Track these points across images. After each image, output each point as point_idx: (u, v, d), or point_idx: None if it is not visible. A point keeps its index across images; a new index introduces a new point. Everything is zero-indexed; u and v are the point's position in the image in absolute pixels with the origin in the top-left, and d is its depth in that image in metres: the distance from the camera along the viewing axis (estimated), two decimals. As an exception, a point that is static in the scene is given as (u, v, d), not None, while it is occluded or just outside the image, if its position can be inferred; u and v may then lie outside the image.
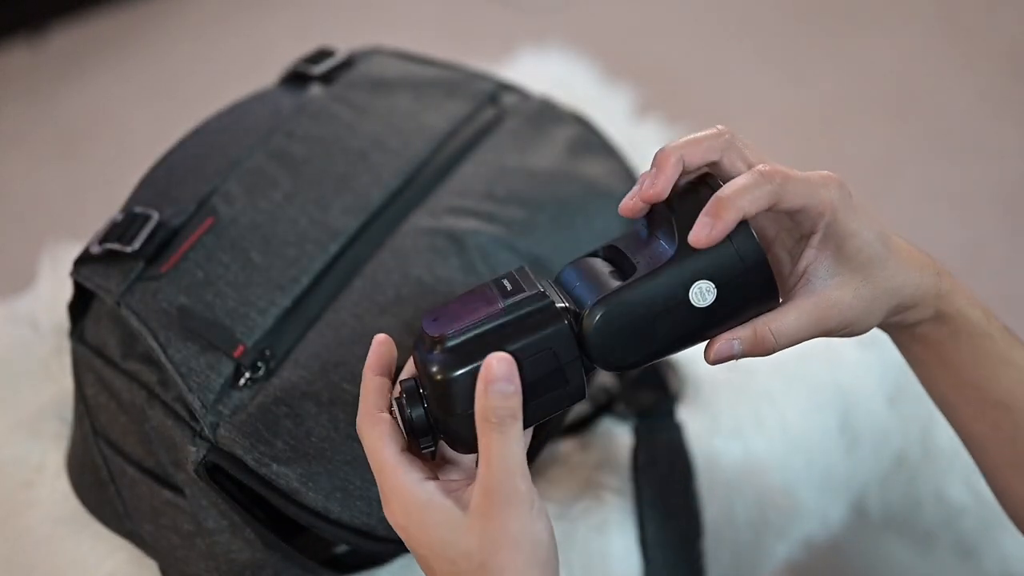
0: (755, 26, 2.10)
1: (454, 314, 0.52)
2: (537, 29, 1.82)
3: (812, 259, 0.54)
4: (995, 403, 0.59)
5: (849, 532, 0.92)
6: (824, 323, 0.54)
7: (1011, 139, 1.83)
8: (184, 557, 0.66)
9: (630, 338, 0.51)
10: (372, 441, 0.52)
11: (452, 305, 0.53)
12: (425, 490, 0.50)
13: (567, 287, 0.54)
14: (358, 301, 0.68)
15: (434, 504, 0.50)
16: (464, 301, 0.52)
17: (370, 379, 0.54)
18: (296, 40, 1.69)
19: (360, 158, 0.75)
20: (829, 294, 0.53)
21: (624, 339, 0.51)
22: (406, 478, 0.50)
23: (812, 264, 0.54)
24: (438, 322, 0.51)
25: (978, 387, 0.59)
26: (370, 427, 0.52)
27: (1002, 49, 1.99)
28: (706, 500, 0.80)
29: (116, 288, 0.66)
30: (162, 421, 0.64)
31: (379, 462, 0.51)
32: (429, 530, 0.49)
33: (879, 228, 0.54)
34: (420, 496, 0.50)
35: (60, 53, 2.04)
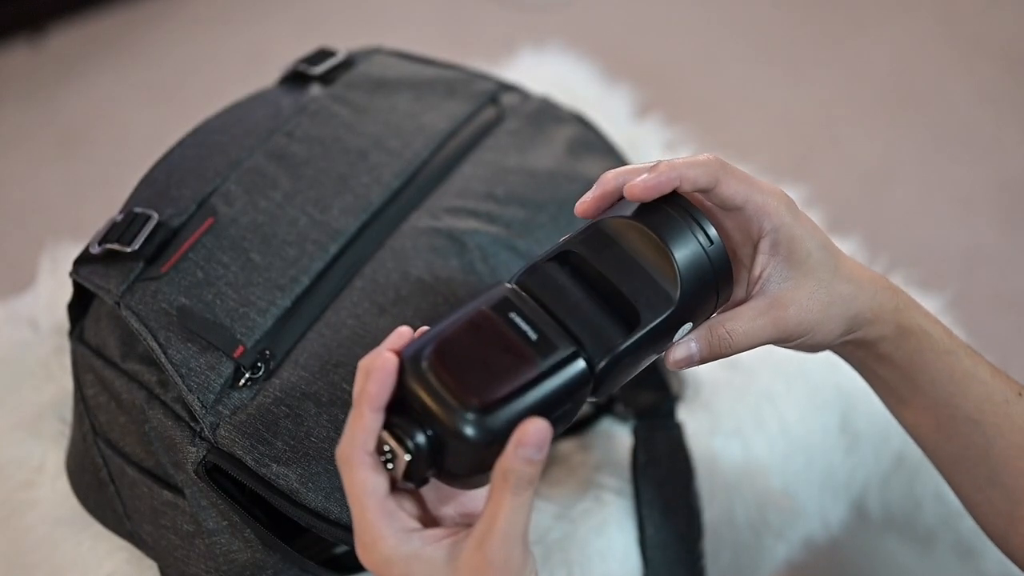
0: (755, 26, 2.10)
1: (479, 363, 0.49)
2: (537, 29, 1.83)
3: (765, 264, 0.56)
4: (965, 419, 0.59)
5: (849, 532, 0.92)
6: (781, 323, 0.55)
7: (1010, 138, 1.83)
8: (184, 557, 0.66)
9: (627, 376, 0.54)
10: (357, 485, 0.48)
11: (468, 344, 0.50)
12: (411, 544, 0.48)
13: (559, 317, 0.52)
14: (358, 301, 0.68)
15: (421, 557, 0.48)
16: (487, 346, 0.50)
17: (367, 415, 0.48)
18: (296, 40, 1.69)
19: (360, 158, 0.75)
20: (783, 294, 0.55)
21: (623, 379, 0.54)
22: (391, 529, 0.48)
23: (766, 269, 0.56)
24: (463, 370, 0.49)
25: (948, 404, 0.59)
26: (356, 467, 0.48)
27: (1001, 48, 1.99)
28: (706, 500, 0.80)
29: (116, 288, 0.66)
30: (162, 421, 0.64)
31: (362, 507, 0.48)
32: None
33: (825, 239, 0.57)
34: (405, 550, 0.48)
35: (60, 53, 2.04)
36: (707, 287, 0.54)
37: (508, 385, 0.49)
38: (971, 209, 1.72)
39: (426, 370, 0.49)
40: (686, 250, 0.54)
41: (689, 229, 0.54)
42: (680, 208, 0.55)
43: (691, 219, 0.54)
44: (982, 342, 0.94)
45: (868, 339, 0.59)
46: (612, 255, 0.54)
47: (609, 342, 0.52)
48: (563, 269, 0.54)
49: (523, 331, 0.51)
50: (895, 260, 1.00)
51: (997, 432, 0.58)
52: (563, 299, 0.52)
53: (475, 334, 0.50)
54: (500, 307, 0.51)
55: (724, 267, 0.55)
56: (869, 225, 1.28)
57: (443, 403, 0.48)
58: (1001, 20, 2.06)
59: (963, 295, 1.06)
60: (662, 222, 0.54)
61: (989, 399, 0.59)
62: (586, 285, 0.53)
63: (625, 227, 0.54)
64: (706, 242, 0.54)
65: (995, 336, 1.47)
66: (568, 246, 0.54)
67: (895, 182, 1.77)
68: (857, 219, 1.32)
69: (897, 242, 1.41)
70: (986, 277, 1.61)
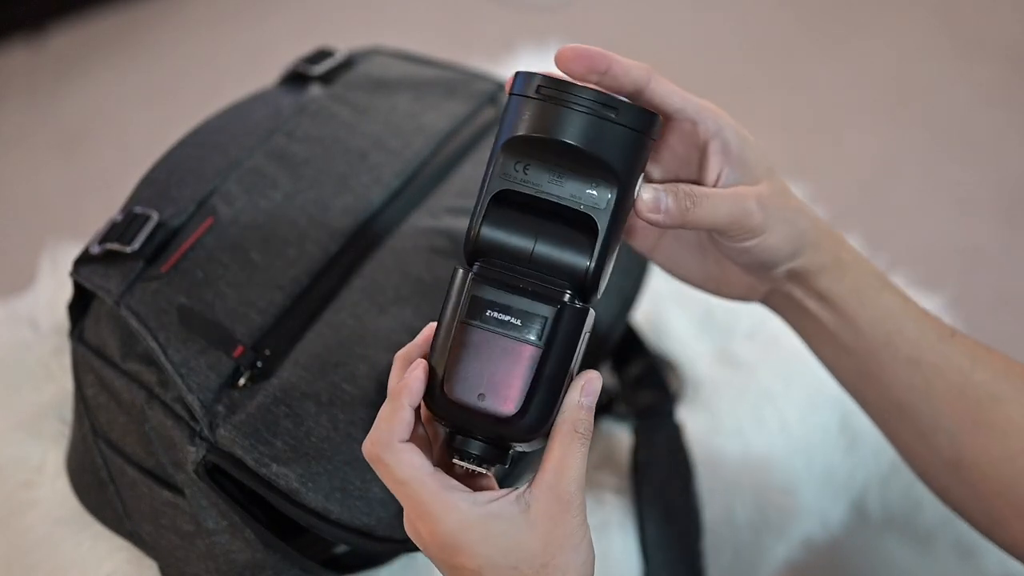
0: (755, 26, 2.10)
1: (492, 378, 0.50)
2: (537, 29, 1.82)
3: (720, 166, 0.55)
4: (905, 360, 0.58)
5: (849, 532, 0.92)
6: (741, 202, 0.54)
7: (1011, 138, 1.83)
8: (184, 557, 0.66)
9: (612, 263, 0.54)
10: (407, 467, 0.49)
11: (472, 364, 0.50)
12: (481, 505, 0.50)
13: (526, 285, 0.52)
14: (358, 301, 0.68)
15: (497, 515, 0.49)
16: (489, 359, 0.50)
17: (407, 410, 0.50)
18: (296, 40, 1.69)
19: (360, 158, 0.75)
20: (743, 187, 0.55)
21: (610, 268, 0.54)
22: (457, 498, 0.49)
23: (722, 171, 0.55)
24: (487, 390, 0.50)
25: (888, 344, 0.58)
26: (399, 452, 0.49)
27: (1001, 48, 1.99)
28: (706, 500, 0.80)
29: (116, 288, 0.66)
30: (162, 421, 0.64)
31: (419, 486, 0.49)
32: (491, 541, 0.49)
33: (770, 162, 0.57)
34: (478, 511, 0.49)
35: (60, 53, 2.04)
36: (637, 147, 0.52)
37: (526, 381, 0.50)
38: (971, 209, 1.72)
39: (449, 407, 0.51)
40: (596, 131, 0.50)
41: (588, 112, 0.51)
42: (572, 98, 0.51)
43: (585, 102, 0.51)
44: (982, 342, 0.94)
45: (810, 270, 0.57)
46: (537, 175, 0.51)
47: (579, 267, 0.52)
48: (502, 216, 0.52)
49: (507, 323, 0.51)
50: (895, 260, 1.00)
51: (936, 372, 0.57)
52: (520, 258, 0.52)
53: (471, 352, 0.51)
54: (474, 312, 0.51)
55: (642, 121, 0.52)
56: (869, 225, 1.28)
57: (483, 429, 0.51)
58: (1001, 20, 2.06)
59: (963, 295, 1.06)
60: (559, 119, 0.51)
61: (925, 337, 0.58)
62: (530, 221, 0.52)
63: (531, 144, 0.51)
64: (611, 112, 0.51)
65: (995, 336, 1.46)
66: (494, 187, 0.52)
67: (895, 182, 1.77)
68: (857, 219, 1.32)
69: (897, 242, 1.41)
70: (986, 277, 1.61)
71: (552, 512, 0.50)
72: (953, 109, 1.89)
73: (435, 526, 0.49)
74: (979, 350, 0.59)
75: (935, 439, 0.58)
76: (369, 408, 0.65)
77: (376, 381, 0.65)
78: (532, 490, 0.50)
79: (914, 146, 1.83)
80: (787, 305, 0.61)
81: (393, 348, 0.66)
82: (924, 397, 0.58)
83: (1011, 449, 0.56)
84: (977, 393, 0.57)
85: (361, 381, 0.65)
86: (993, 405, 0.57)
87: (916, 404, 0.58)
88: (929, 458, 0.59)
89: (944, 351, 0.58)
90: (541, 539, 0.49)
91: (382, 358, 0.66)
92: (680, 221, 0.53)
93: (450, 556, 0.50)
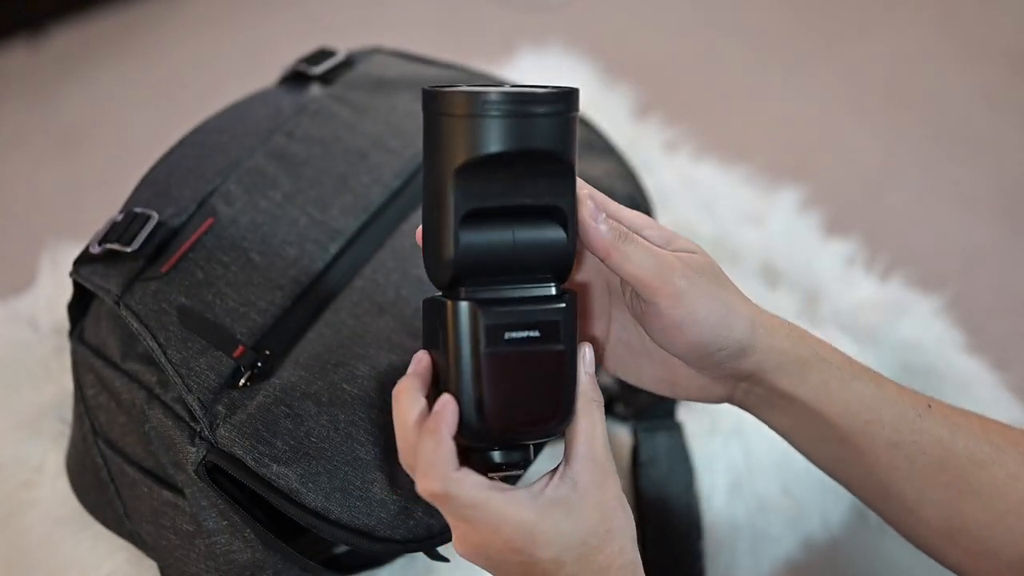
0: (755, 26, 2.10)
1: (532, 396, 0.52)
2: (537, 29, 1.83)
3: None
4: (884, 445, 0.57)
5: (849, 532, 0.92)
6: (667, 262, 0.53)
7: (1011, 138, 1.83)
8: (184, 557, 0.66)
9: None
10: (470, 492, 0.50)
11: (511, 392, 0.52)
12: (537, 495, 0.51)
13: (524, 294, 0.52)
14: (358, 301, 0.68)
15: (553, 500, 0.51)
16: (523, 380, 0.52)
17: (448, 440, 0.51)
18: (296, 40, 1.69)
19: (360, 158, 0.75)
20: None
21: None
22: (518, 498, 0.51)
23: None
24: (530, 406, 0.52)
25: (864, 434, 0.57)
26: (459, 482, 0.50)
27: (1001, 48, 1.99)
28: (706, 500, 0.80)
29: (116, 288, 0.66)
30: (162, 421, 0.64)
31: (486, 505, 0.50)
32: (560, 526, 0.51)
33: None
34: (540, 503, 0.51)
35: (60, 53, 2.04)
36: (573, 127, 0.52)
37: (563, 384, 0.53)
38: (971, 209, 1.72)
39: (491, 436, 0.52)
40: (541, 129, 0.50)
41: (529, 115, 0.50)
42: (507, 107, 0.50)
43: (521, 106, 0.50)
44: (982, 342, 0.94)
45: (766, 370, 0.56)
46: (495, 185, 0.51)
47: (561, 249, 0.52)
48: (472, 234, 0.51)
49: (528, 338, 0.51)
50: (895, 260, 1.00)
51: (917, 449, 0.57)
52: (503, 266, 0.52)
53: (504, 378, 0.51)
54: (493, 340, 0.51)
55: (571, 102, 0.51)
56: (869, 225, 1.29)
57: (528, 440, 0.54)
58: (1001, 21, 2.06)
59: (963, 295, 1.06)
60: (505, 129, 0.50)
61: (903, 418, 0.57)
62: (500, 227, 0.52)
63: (485, 161, 0.50)
64: (550, 108, 0.50)
65: (995, 336, 1.47)
66: (460, 210, 0.51)
67: (895, 182, 1.77)
68: (857, 219, 1.32)
69: (897, 242, 1.41)
70: (986, 277, 1.61)
71: (597, 480, 0.52)
72: (953, 109, 1.89)
73: (511, 531, 0.50)
74: (956, 417, 0.58)
75: (923, 513, 0.58)
76: (369, 408, 0.64)
77: (376, 381, 0.65)
78: (572, 465, 0.52)
79: (914, 146, 1.83)
80: (754, 405, 0.59)
81: (393, 348, 0.66)
82: (907, 476, 0.57)
83: (999, 511, 0.56)
84: (959, 462, 0.57)
85: (361, 381, 0.65)
86: (976, 470, 0.57)
87: (900, 483, 0.58)
88: (920, 530, 0.59)
89: (923, 427, 0.57)
90: (597, 508, 0.52)
91: (382, 358, 0.66)
92: (608, 249, 0.52)
93: (529, 555, 0.51)
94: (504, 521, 0.50)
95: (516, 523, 0.50)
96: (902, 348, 0.88)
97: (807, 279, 0.93)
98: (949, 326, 0.91)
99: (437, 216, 0.51)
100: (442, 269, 0.52)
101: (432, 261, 0.53)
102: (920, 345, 0.89)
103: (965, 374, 0.89)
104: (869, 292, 0.92)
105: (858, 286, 0.92)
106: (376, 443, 0.64)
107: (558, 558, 0.51)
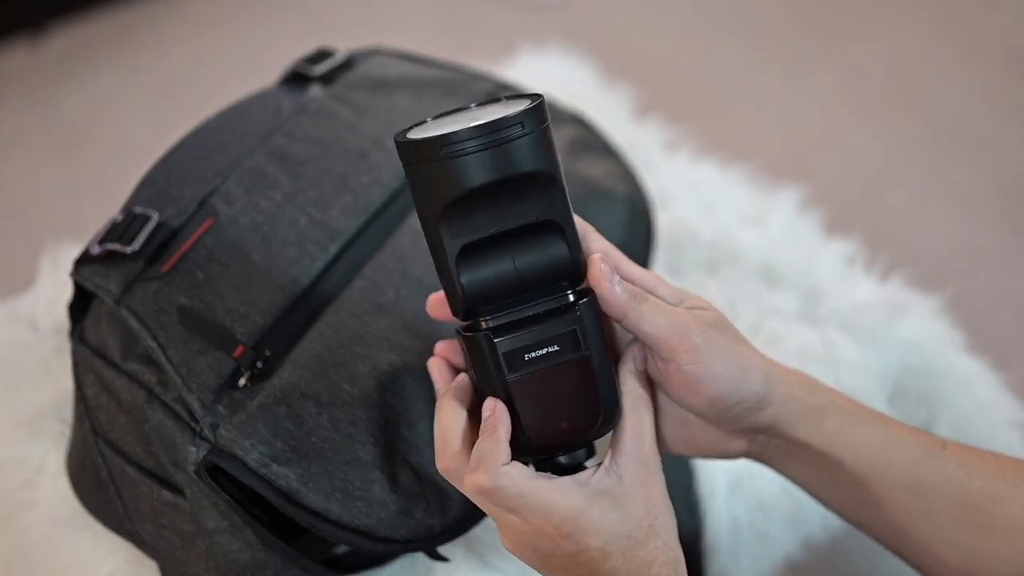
0: (755, 26, 2.10)
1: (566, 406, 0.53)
2: (537, 29, 1.83)
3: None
4: (902, 488, 0.58)
5: (849, 532, 0.91)
6: (681, 319, 0.54)
7: (1011, 138, 1.83)
8: (184, 557, 0.66)
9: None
10: (520, 481, 0.51)
11: (543, 409, 0.53)
12: (584, 483, 0.52)
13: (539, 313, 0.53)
14: (358, 301, 0.68)
15: (600, 491, 0.52)
16: (553, 395, 0.53)
17: (504, 439, 0.52)
18: (296, 40, 1.69)
19: (360, 158, 0.75)
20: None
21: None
22: (564, 485, 0.52)
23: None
24: (567, 417, 0.53)
25: (881, 477, 0.58)
26: (508, 473, 0.51)
27: (1001, 48, 1.99)
28: (706, 500, 0.80)
29: (116, 288, 0.66)
30: (162, 421, 0.64)
31: (536, 493, 0.51)
32: (606, 515, 0.52)
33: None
34: (587, 492, 0.52)
35: (60, 53, 2.04)
36: (548, 137, 0.52)
37: (595, 387, 0.53)
38: (971, 209, 1.72)
39: (538, 449, 0.54)
40: (517, 152, 0.50)
41: (501, 143, 0.50)
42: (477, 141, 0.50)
43: (490, 137, 0.50)
44: (982, 342, 0.94)
45: (783, 420, 0.57)
46: (484, 217, 0.52)
47: (562, 259, 0.53)
48: (472, 266, 0.52)
49: (548, 354, 0.52)
50: (895, 260, 1.00)
51: (933, 490, 0.57)
52: (510, 289, 0.53)
53: (535, 398, 0.53)
54: (515, 365, 0.52)
55: (540, 114, 0.51)
56: (869, 225, 1.29)
57: (576, 445, 0.55)
58: (1001, 21, 2.06)
59: (963, 295, 1.06)
60: (481, 163, 0.50)
61: (918, 461, 0.58)
62: (497, 253, 0.53)
63: (467, 197, 0.51)
64: (516, 129, 0.50)
65: (995, 336, 1.47)
66: (454, 248, 0.52)
67: (895, 182, 1.77)
68: (857, 219, 1.32)
69: (897, 242, 1.41)
70: (986, 277, 1.61)
71: (642, 477, 0.53)
72: (953, 109, 1.89)
73: (560, 517, 0.51)
74: (971, 456, 0.59)
75: (943, 554, 0.58)
76: (369, 408, 0.65)
77: (376, 381, 0.65)
78: (617, 461, 0.53)
79: (914, 146, 1.83)
80: (771, 457, 0.61)
81: (393, 348, 0.66)
82: (925, 517, 0.58)
83: (1018, 547, 0.57)
84: (976, 500, 0.57)
85: (361, 381, 0.65)
86: (994, 508, 0.57)
87: (919, 524, 0.58)
88: (940, 571, 0.59)
89: (938, 467, 0.58)
90: (642, 503, 0.53)
91: (382, 358, 0.66)
92: (624, 310, 0.53)
93: (576, 542, 0.51)
94: (554, 506, 0.51)
95: (566, 508, 0.51)
96: (902, 348, 0.88)
97: (807, 279, 0.93)
98: (949, 326, 0.91)
99: (437, 257, 0.53)
100: (456, 305, 0.53)
101: (448, 298, 0.54)
102: (920, 345, 0.89)
103: (965, 374, 0.89)
104: (869, 292, 0.92)
105: (858, 286, 0.92)
106: (376, 443, 0.64)
107: (605, 547, 0.52)
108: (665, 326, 0.53)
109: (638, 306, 0.53)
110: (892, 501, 0.58)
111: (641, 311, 0.53)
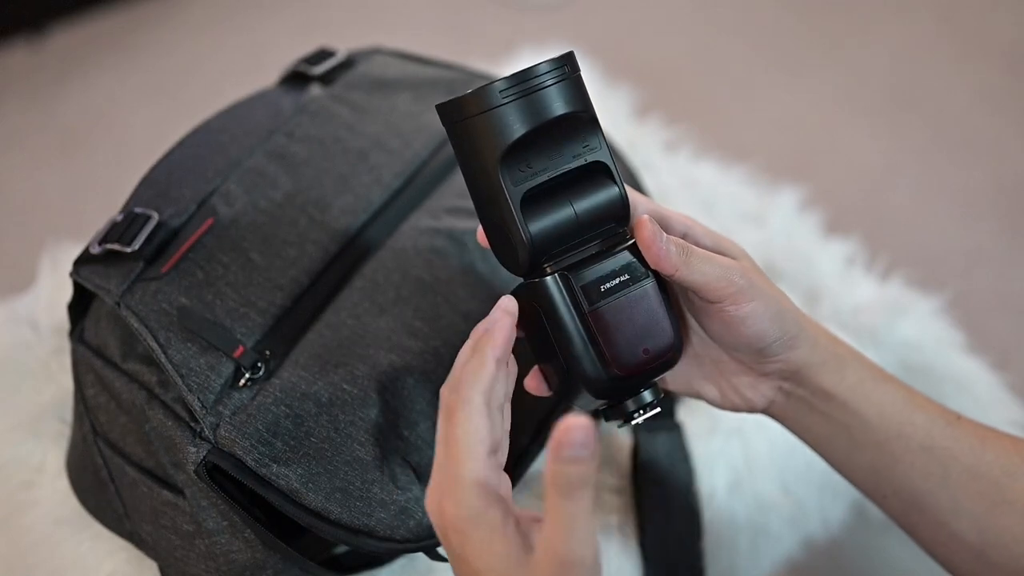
0: (755, 26, 2.10)
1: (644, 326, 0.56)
2: (537, 29, 1.83)
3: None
4: (918, 449, 0.59)
5: (849, 532, 0.92)
6: (726, 266, 0.57)
7: (1011, 139, 1.83)
8: (184, 557, 0.66)
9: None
10: (471, 432, 0.50)
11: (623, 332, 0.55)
12: (496, 510, 0.48)
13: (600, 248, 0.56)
14: (358, 301, 0.68)
15: (499, 531, 0.48)
16: (628, 321, 0.55)
17: (491, 364, 0.51)
18: (296, 40, 1.69)
19: (360, 158, 0.75)
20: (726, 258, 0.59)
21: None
22: (487, 487, 0.48)
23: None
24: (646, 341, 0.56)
25: (900, 436, 0.59)
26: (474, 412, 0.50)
27: (1001, 49, 1.99)
28: (706, 500, 0.80)
29: (116, 288, 0.66)
30: (162, 421, 0.64)
31: (468, 454, 0.49)
32: (488, 552, 0.48)
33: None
34: (492, 514, 0.48)
35: (60, 53, 2.04)
36: (583, 85, 0.55)
37: (666, 310, 0.56)
38: (971, 209, 1.72)
39: (623, 380, 0.56)
40: (563, 94, 0.54)
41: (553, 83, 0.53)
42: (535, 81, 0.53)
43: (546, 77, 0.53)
44: (982, 342, 0.94)
45: (810, 365, 0.59)
46: (540, 162, 0.55)
47: (616, 200, 0.56)
48: (533, 213, 0.54)
49: (620, 283, 0.55)
50: (895, 260, 1.00)
51: (949, 455, 0.58)
52: (572, 232, 0.55)
53: (615, 326, 0.55)
54: (593, 296, 0.55)
55: (573, 64, 0.55)
56: (869, 225, 1.29)
57: (655, 373, 0.57)
58: (1001, 21, 2.06)
59: (963, 295, 1.06)
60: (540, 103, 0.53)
61: (934, 424, 0.59)
62: (555, 198, 0.55)
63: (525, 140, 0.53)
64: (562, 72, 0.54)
65: (995, 336, 1.47)
66: (517, 195, 0.54)
67: (895, 182, 1.77)
68: (857, 219, 1.32)
69: (897, 242, 1.41)
70: (986, 277, 1.61)
71: (548, 570, 0.46)
72: (953, 110, 1.89)
73: (444, 497, 0.49)
74: (986, 432, 0.60)
75: (957, 525, 0.58)
76: (369, 408, 0.65)
77: (376, 381, 0.65)
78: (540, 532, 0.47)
79: (914, 147, 1.83)
80: (794, 408, 0.62)
81: (393, 348, 0.66)
82: (941, 483, 0.58)
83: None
84: (992, 472, 0.58)
85: (361, 381, 0.65)
86: (1009, 482, 0.58)
87: (934, 491, 0.59)
88: (953, 547, 0.59)
89: (954, 434, 0.59)
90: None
91: (382, 358, 0.66)
92: (676, 266, 0.56)
93: (454, 529, 0.49)
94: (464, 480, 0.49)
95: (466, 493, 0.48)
96: (902, 348, 0.88)
97: (807, 279, 0.93)
98: (949, 326, 0.91)
99: (498, 214, 0.55)
100: (521, 259, 0.55)
101: (507, 256, 0.56)
102: (920, 345, 0.89)
103: (965, 374, 0.89)
104: (869, 292, 0.92)
105: (858, 286, 0.92)
106: (376, 443, 0.64)
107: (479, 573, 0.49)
108: (712, 274, 0.56)
109: (688, 259, 0.56)
110: (909, 464, 0.59)
111: (691, 263, 0.56)
